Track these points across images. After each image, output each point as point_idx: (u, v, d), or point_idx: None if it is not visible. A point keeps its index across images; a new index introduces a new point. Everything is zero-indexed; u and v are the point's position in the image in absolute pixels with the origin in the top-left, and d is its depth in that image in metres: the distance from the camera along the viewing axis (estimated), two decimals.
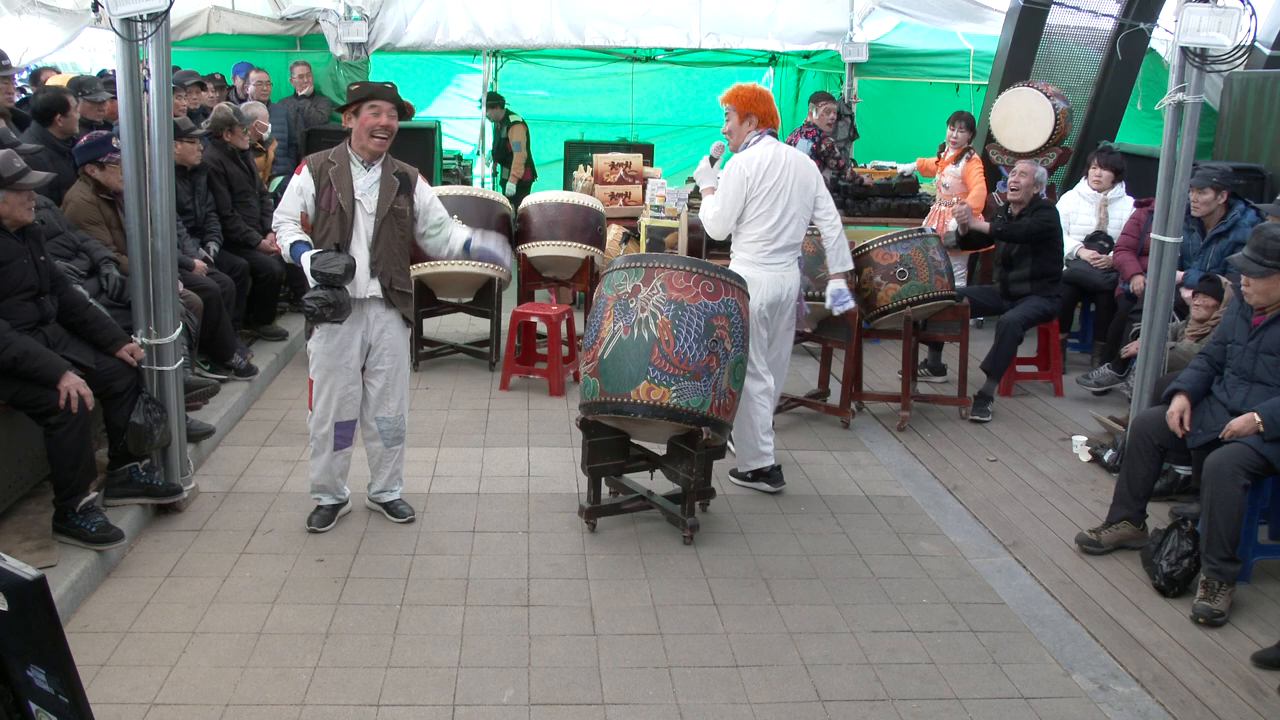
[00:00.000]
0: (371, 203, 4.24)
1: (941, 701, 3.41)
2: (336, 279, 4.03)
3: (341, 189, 4.20)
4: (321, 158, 4.27)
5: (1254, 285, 4.17)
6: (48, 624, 1.86)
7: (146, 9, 4.06)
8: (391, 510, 4.63)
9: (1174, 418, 4.28)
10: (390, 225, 4.28)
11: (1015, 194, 6.52)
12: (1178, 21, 4.58)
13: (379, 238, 4.25)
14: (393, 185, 4.29)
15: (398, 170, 4.33)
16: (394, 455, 4.58)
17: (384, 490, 4.63)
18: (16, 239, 3.99)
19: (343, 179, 4.22)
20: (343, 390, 4.35)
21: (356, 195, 4.21)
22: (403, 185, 4.32)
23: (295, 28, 9.74)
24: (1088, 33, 8.65)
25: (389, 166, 4.31)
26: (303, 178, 4.23)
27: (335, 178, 4.21)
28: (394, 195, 4.28)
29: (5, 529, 4.05)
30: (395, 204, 4.27)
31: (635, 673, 3.50)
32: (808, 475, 5.33)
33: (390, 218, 4.27)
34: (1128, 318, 6.49)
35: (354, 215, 4.22)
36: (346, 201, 4.19)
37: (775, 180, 4.85)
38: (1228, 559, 3.98)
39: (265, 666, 3.46)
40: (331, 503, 4.56)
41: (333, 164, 4.24)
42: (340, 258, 4.07)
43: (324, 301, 4.04)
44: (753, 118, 4.91)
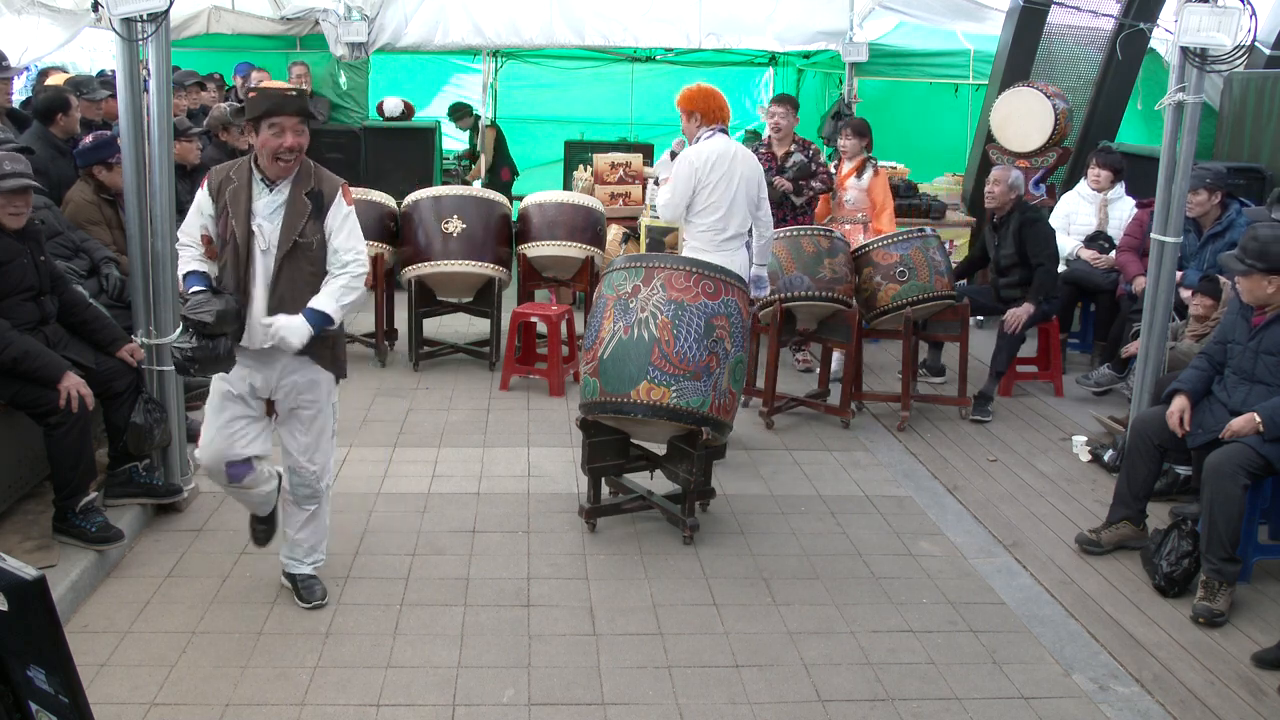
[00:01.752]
0: (271, 233, 3.45)
1: (941, 701, 3.41)
2: (206, 326, 3.32)
3: (236, 215, 3.43)
4: (223, 172, 3.53)
5: (1240, 284, 4.21)
6: (48, 624, 1.86)
7: (146, 9, 4.06)
8: (297, 588, 3.84)
9: (1174, 418, 4.28)
10: (294, 262, 3.47)
11: (991, 202, 6.49)
12: (1178, 21, 4.58)
13: (279, 277, 3.46)
14: (301, 210, 3.45)
15: (311, 189, 3.49)
16: (304, 518, 3.79)
17: (288, 555, 3.87)
18: (16, 239, 3.99)
19: (239, 202, 3.44)
20: (228, 423, 3.62)
21: (253, 224, 3.44)
22: (314, 208, 3.48)
23: (295, 28, 9.73)
24: (1088, 33, 8.65)
25: (301, 184, 3.48)
26: (202, 195, 3.52)
27: (231, 200, 3.45)
28: (301, 223, 3.45)
29: (5, 529, 4.05)
30: (301, 234, 3.45)
31: (635, 673, 3.50)
32: (808, 475, 5.33)
33: (294, 253, 3.45)
34: (1128, 318, 6.49)
35: (249, 250, 3.45)
36: (240, 231, 3.43)
37: (723, 173, 5.09)
38: (1228, 559, 3.98)
39: (265, 666, 3.46)
40: (265, 512, 3.98)
41: (231, 182, 3.48)
42: (214, 301, 3.33)
43: (188, 355, 3.36)
44: (697, 115, 5.17)
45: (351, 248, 3.56)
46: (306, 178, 3.50)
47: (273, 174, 3.46)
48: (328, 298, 3.50)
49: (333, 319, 3.51)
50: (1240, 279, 4.18)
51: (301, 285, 3.49)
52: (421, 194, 6.89)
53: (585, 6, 9.82)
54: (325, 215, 3.50)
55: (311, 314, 3.47)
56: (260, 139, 3.40)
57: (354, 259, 3.56)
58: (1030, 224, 6.34)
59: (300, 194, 3.47)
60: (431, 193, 6.91)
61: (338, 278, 3.54)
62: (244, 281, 3.47)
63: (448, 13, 9.52)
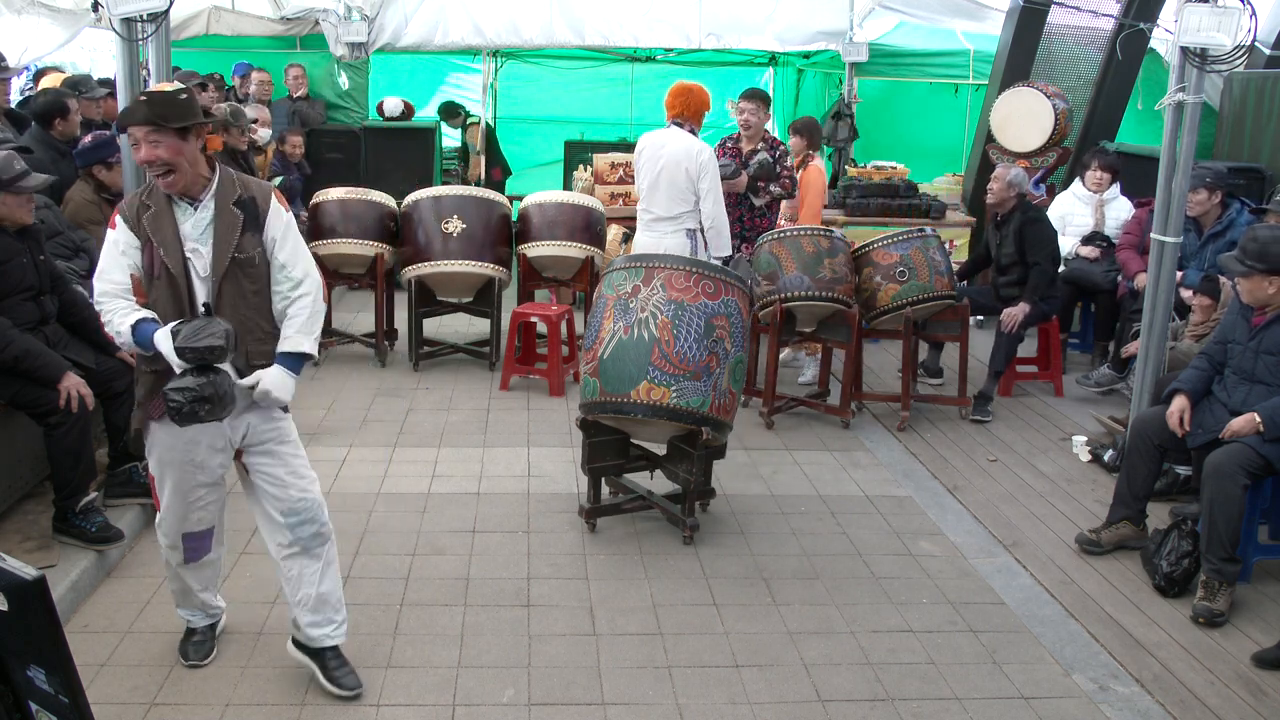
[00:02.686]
0: (205, 256, 3.05)
1: (941, 701, 3.41)
2: (216, 353, 2.89)
3: (164, 243, 3.02)
4: (135, 200, 3.08)
5: (1240, 285, 4.21)
6: (48, 624, 1.86)
7: (146, 9, 4.06)
8: (327, 667, 3.31)
9: (1174, 418, 4.28)
10: (235, 282, 3.07)
11: (990, 198, 6.55)
12: (1178, 21, 4.58)
13: (220, 302, 3.05)
14: (232, 223, 3.06)
15: (240, 198, 3.08)
16: (319, 567, 3.29)
17: (314, 623, 3.30)
18: (16, 239, 3.99)
19: (162, 228, 3.02)
20: (188, 491, 3.23)
21: (186, 250, 3.04)
22: (248, 220, 3.08)
23: (295, 28, 9.74)
24: (1088, 33, 8.65)
25: (225, 195, 3.07)
26: (118, 233, 3.05)
27: (153, 228, 3.02)
28: (235, 237, 3.05)
29: (5, 529, 4.06)
30: (239, 249, 3.06)
31: (635, 673, 3.50)
32: (808, 475, 5.33)
33: (232, 272, 3.06)
34: (1128, 318, 6.49)
35: (188, 278, 3.04)
36: (174, 261, 3.02)
37: (648, 160, 5.76)
38: (1228, 559, 3.98)
39: (265, 666, 3.46)
40: (205, 622, 3.52)
41: (148, 208, 3.04)
42: (214, 324, 2.92)
43: (197, 394, 2.88)
44: (669, 111, 5.85)
45: (299, 262, 3.16)
46: (230, 187, 3.09)
47: (172, 193, 3.03)
48: (300, 335, 3.11)
49: (311, 355, 3.16)
50: (1240, 280, 4.18)
51: (246, 309, 3.09)
52: (421, 194, 6.90)
53: (585, 6, 9.82)
54: (264, 225, 3.10)
55: (289, 360, 3.12)
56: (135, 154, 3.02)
57: (306, 275, 3.16)
58: (1031, 223, 6.35)
59: (227, 206, 3.06)
60: (431, 193, 6.91)
61: (298, 303, 3.13)
62: (187, 314, 3.05)
63: (448, 13, 9.52)
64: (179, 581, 3.42)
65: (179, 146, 2.96)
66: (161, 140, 2.94)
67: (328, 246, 6.80)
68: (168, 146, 2.95)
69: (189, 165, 3.00)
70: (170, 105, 2.96)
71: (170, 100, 2.98)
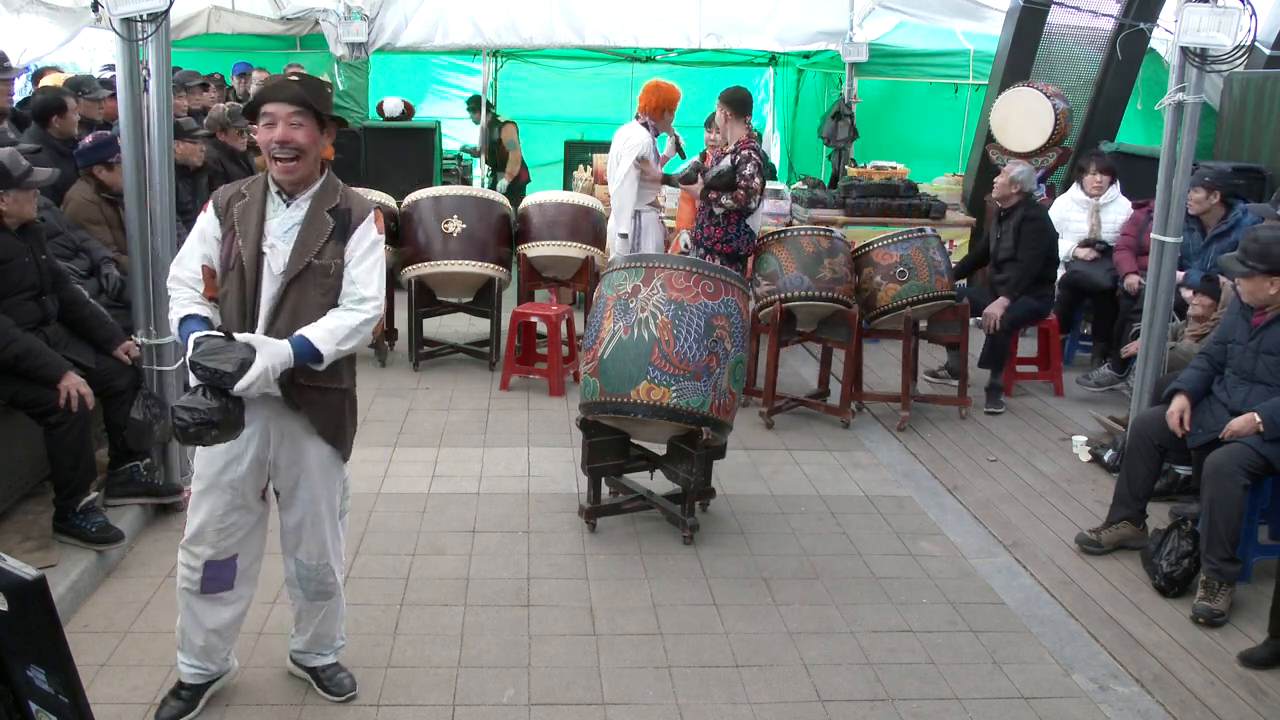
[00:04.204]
0: (284, 255, 2.91)
1: (941, 701, 3.41)
2: (223, 378, 2.72)
3: (245, 234, 2.91)
4: (234, 188, 3.02)
5: (1241, 285, 4.20)
6: (48, 624, 1.86)
7: (146, 9, 4.06)
8: (320, 679, 3.32)
9: (1174, 418, 4.28)
10: (303, 288, 2.91)
11: (996, 193, 6.60)
12: (1178, 21, 4.58)
13: (281, 305, 2.91)
14: (321, 228, 2.92)
15: (336, 206, 2.97)
16: (319, 613, 3.26)
17: (306, 651, 3.34)
18: (18, 238, 4.00)
19: (249, 219, 2.92)
20: (221, 518, 3.04)
21: (265, 244, 2.91)
22: (337, 229, 2.94)
23: (295, 28, 9.74)
24: (1088, 33, 8.66)
25: (324, 200, 2.96)
26: (206, 217, 2.98)
27: (241, 218, 2.93)
28: (320, 243, 2.91)
29: (5, 529, 4.05)
30: (318, 255, 2.91)
31: (635, 673, 3.50)
32: (808, 475, 5.33)
33: (305, 277, 2.91)
34: (1128, 318, 6.50)
35: (258, 274, 2.91)
36: (249, 253, 2.90)
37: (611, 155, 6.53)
38: (1228, 559, 3.98)
39: (265, 666, 3.46)
40: (198, 679, 3.18)
41: (243, 197, 2.97)
42: (233, 349, 2.75)
43: (202, 416, 2.71)
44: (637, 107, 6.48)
45: (372, 281, 2.96)
46: (331, 193, 2.98)
47: (283, 181, 2.92)
48: (325, 333, 2.87)
49: (322, 357, 2.87)
50: (1241, 280, 4.18)
51: (306, 317, 2.90)
52: (421, 194, 6.90)
53: (585, 6, 9.82)
54: (349, 238, 2.95)
55: (300, 342, 2.84)
56: (260, 138, 2.93)
57: (372, 296, 2.95)
58: (1031, 220, 6.37)
59: (321, 210, 2.94)
60: (431, 193, 6.91)
61: (349, 313, 2.93)
62: (250, 313, 2.90)
63: (448, 13, 9.52)
64: (194, 626, 3.12)
65: (316, 135, 2.92)
66: (304, 124, 2.88)
67: None
68: (307, 132, 2.88)
69: (315, 158, 2.94)
70: (321, 92, 2.97)
71: (322, 87, 3.02)
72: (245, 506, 3.07)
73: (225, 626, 3.16)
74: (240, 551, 3.11)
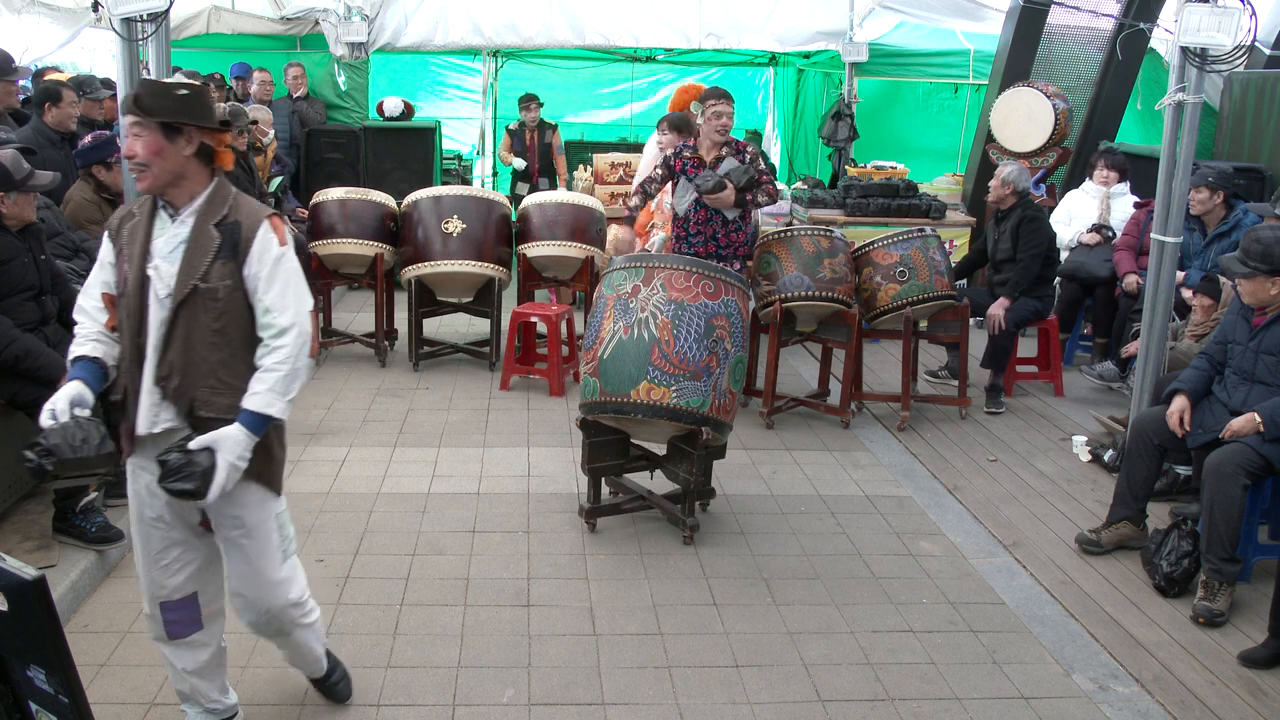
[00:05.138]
0: (169, 277, 2.63)
1: (941, 701, 3.41)
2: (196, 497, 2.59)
3: (131, 256, 2.67)
4: (125, 209, 2.79)
5: (1242, 286, 4.20)
6: (48, 624, 1.86)
7: (146, 9, 4.06)
8: (316, 689, 3.25)
9: (1174, 417, 4.28)
10: (193, 314, 2.63)
11: (991, 196, 6.62)
12: (1178, 21, 4.58)
13: (171, 334, 2.63)
14: (206, 245, 2.64)
15: (223, 219, 2.67)
16: (284, 648, 3.07)
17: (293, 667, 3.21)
18: (18, 238, 4.00)
19: (135, 240, 2.67)
20: (157, 556, 2.82)
21: (149, 266, 2.65)
22: (225, 246, 2.65)
23: (295, 28, 9.74)
24: (1088, 33, 8.66)
25: (210, 213, 2.67)
26: (103, 244, 2.77)
27: (129, 239, 2.69)
28: (206, 264, 2.63)
29: (5, 529, 4.05)
30: (204, 278, 2.62)
31: (635, 673, 3.50)
32: (808, 475, 5.33)
33: (193, 302, 2.62)
34: (1128, 317, 6.50)
35: (143, 299, 2.64)
36: (133, 277, 2.65)
37: None
38: (1228, 559, 3.98)
39: (265, 666, 3.46)
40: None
41: (133, 217, 2.72)
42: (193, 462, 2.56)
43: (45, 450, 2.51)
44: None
45: (287, 306, 2.67)
46: (219, 205, 2.68)
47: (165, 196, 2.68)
48: (269, 394, 2.64)
49: (276, 421, 2.68)
50: (1243, 281, 4.17)
51: (201, 348, 2.64)
52: (421, 194, 6.90)
53: (585, 6, 9.82)
54: (245, 256, 2.65)
55: (250, 419, 2.63)
56: None
57: (291, 324, 2.67)
58: (1029, 220, 6.37)
59: (207, 225, 2.65)
60: (431, 193, 6.91)
61: (274, 355, 2.66)
62: (138, 343, 2.66)
63: (448, 13, 9.52)
64: (178, 676, 2.96)
65: (160, 145, 2.61)
66: (143, 134, 2.61)
67: (328, 246, 6.81)
68: (146, 143, 2.60)
69: (169, 169, 2.63)
70: (161, 98, 2.62)
71: (163, 93, 2.64)
72: (183, 541, 2.83)
73: (203, 667, 2.95)
74: (199, 589, 2.89)
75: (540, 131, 9.89)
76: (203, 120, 2.67)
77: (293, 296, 2.70)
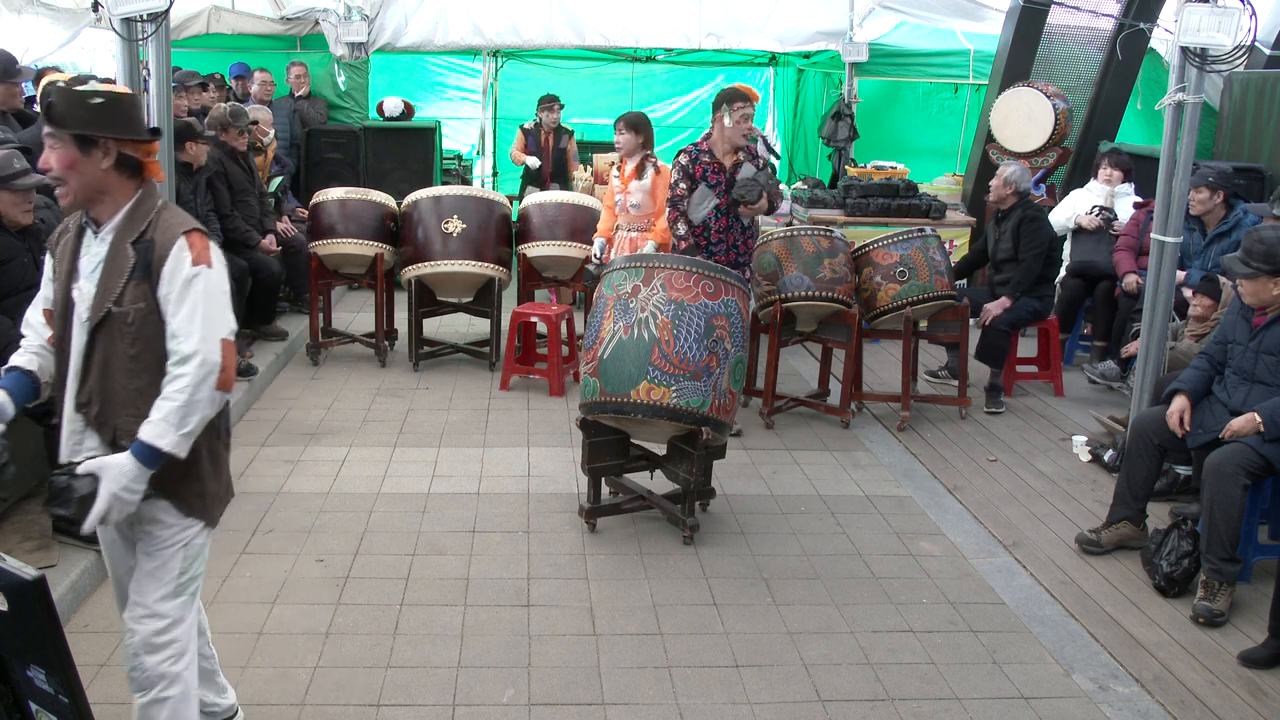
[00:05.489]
0: (90, 298, 2.49)
1: (941, 701, 3.41)
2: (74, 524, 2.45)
3: (59, 276, 2.57)
4: (62, 225, 2.68)
5: (1244, 286, 4.19)
6: (48, 624, 1.86)
7: (146, 9, 4.06)
8: None
9: (1174, 417, 4.28)
10: (110, 339, 2.48)
11: (992, 196, 6.62)
12: (1178, 21, 4.58)
13: (90, 360, 2.50)
14: (122, 265, 2.47)
15: (140, 236, 2.48)
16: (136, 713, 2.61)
17: None
18: (18, 238, 4.00)
19: (64, 259, 2.57)
20: (123, 572, 2.71)
21: (74, 286, 2.52)
22: (138, 266, 2.46)
23: (295, 28, 9.73)
24: (1088, 33, 8.66)
25: (128, 230, 2.50)
26: (47, 258, 2.69)
27: (60, 257, 2.59)
28: (121, 286, 2.46)
29: (5, 529, 4.05)
30: (117, 301, 2.46)
31: (635, 673, 3.50)
32: (808, 475, 5.33)
33: (109, 326, 2.47)
34: (1128, 317, 6.50)
35: (66, 322, 2.54)
36: (59, 297, 2.56)
37: None
38: (1228, 559, 3.98)
39: (265, 666, 3.46)
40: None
41: (67, 232, 2.61)
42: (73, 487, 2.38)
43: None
44: None
45: (193, 331, 2.44)
46: (138, 220, 2.49)
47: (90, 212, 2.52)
48: (162, 424, 2.41)
49: (168, 455, 2.42)
50: (1244, 282, 4.16)
51: (120, 375, 2.48)
52: (421, 194, 6.90)
53: (585, 6, 9.82)
54: (157, 277, 2.45)
55: (140, 449, 2.41)
56: None
57: (194, 352, 2.43)
58: (1029, 220, 6.38)
59: (124, 244, 2.47)
60: (431, 193, 6.92)
61: (174, 384, 2.43)
62: (63, 368, 2.55)
63: (448, 13, 9.52)
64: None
65: (73, 158, 2.43)
66: (57, 147, 2.43)
67: (328, 246, 6.81)
68: (60, 156, 2.43)
69: (87, 183, 2.46)
70: (74, 107, 2.42)
71: (77, 101, 2.43)
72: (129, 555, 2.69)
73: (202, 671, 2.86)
74: None
75: (557, 135, 9.53)
76: (120, 130, 2.48)
77: (200, 322, 2.45)
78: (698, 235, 5.43)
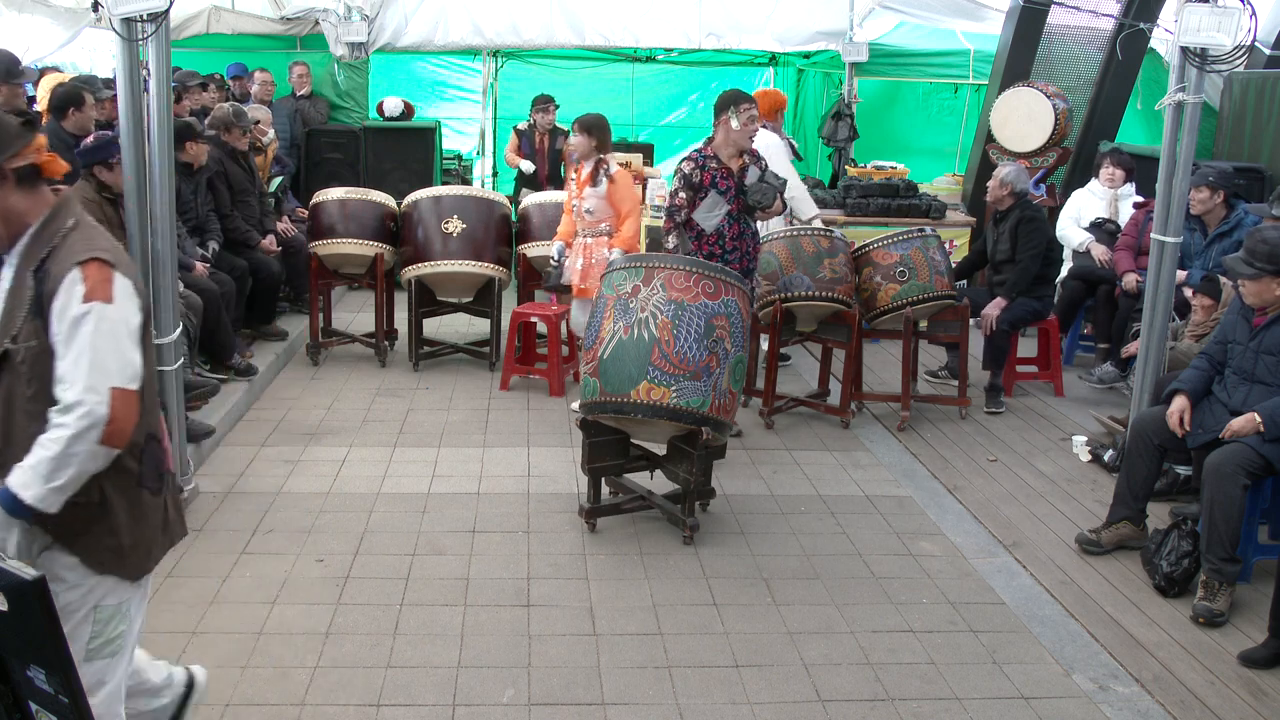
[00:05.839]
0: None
1: (941, 701, 3.41)
2: None
3: None
4: None
5: (1246, 287, 4.18)
6: (48, 624, 1.86)
7: (146, 9, 4.06)
8: None
9: (1174, 417, 4.28)
10: (11, 380, 2.23)
11: (989, 197, 6.63)
12: (1178, 21, 4.58)
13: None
14: (21, 299, 2.22)
15: (40, 264, 2.21)
16: None
17: None
18: None
19: None
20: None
21: None
22: (34, 300, 2.20)
23: (295, 28, 9.74)
24: (1088, 33, 8.65)
25: (31, 256, 2.23)
26: None
27: None
28: (20, 319, 2.20)
29: None
30: (15, 338, 2.20)
31: (635, 673, 3.50)
32: (808, 475, 5.33)
33: (7, 366, 2.22)
34: (1129, 317, 6.50)
35: None
36: None
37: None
38: (1228, 559, 3.98)
39: (265, 666, 3.46)
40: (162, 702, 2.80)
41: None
42: None
43: None
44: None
45: (78, 377, 2.14)
46: (42, 244, 2.22)
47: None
48: (31, 473, 2.15)
49: (28, 506, 2.14)
50: (1246, 282, 4.15)
51: (19, 416, 2.22)
52: (421, 194, 6.90)
53: (585, 6, 9.83)
54: (48, 310, 2.17)
55: (4, 496, 2.16)
56: None
57: (77, 401, 2.13)
58: (1027, 221, 6.37)
59: (25, 272, 2.21)
60: (431, 193, 6.92)
61: (51, 432, 2.15)
62: None
63: (448, 13, 9.52)
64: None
65: None
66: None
67: (328, 246, 6.81)
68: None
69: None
70: None
71: None
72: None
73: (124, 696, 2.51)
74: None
75: (553, 137, 9.14)
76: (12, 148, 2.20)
77: (86, 368, 2.14)
78: (711, 244, 5.27)
